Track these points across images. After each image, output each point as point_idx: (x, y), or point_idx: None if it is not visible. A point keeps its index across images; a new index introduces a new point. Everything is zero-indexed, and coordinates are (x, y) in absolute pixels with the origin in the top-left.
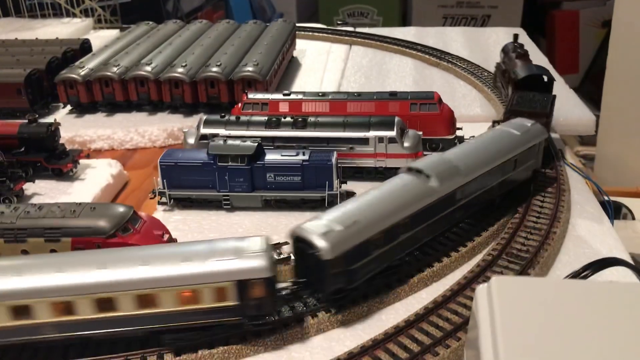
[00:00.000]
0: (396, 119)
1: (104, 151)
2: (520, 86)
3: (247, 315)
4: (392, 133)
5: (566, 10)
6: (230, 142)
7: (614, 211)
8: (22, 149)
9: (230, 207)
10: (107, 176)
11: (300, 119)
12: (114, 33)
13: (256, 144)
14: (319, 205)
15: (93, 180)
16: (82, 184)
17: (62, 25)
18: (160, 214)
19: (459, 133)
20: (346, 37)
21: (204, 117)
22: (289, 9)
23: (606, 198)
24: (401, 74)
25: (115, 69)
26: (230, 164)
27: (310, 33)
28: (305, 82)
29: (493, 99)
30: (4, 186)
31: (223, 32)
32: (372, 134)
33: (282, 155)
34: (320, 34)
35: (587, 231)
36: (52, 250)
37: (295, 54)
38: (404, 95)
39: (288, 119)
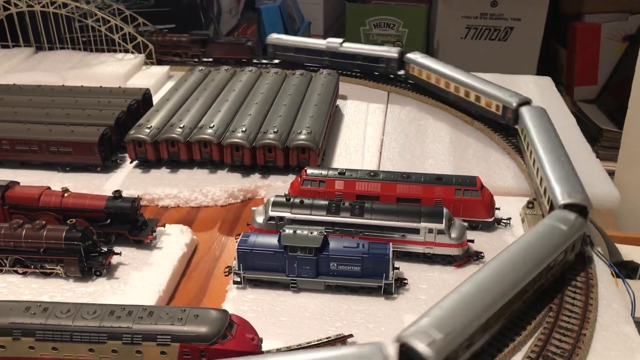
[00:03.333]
0: (445, 211)
1: (170, 208)
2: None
3: None
4: (441, 225)
5: (588, 23)
6: (299, 232)
7: (633, 271)
8: (108, 221)
9: (296, 290)
10: (181, 245)
11: (357, 207)
12: (164, 70)
13: (322, 236)
14: (375, 291)
15: (169, 250)
16: (160, 254)
17: (117, 61)
18: (234, 292)
19: (497, 213)
20: (383, 84)
21: (272, 198)
22: (316, 18)
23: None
24: (438, 133)
25: (180, 130)
26: (299, 254)
27: (349, 77)
28: (349, 138)
29: (525, 169)
30: (96, 261)
31: (273, 84)
32: (423, 225)
33: (344, 247)
34: (360, 79)
35: (613, 332)
36: (162, 353)
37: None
38: (449, 180)
39: (347, 205)
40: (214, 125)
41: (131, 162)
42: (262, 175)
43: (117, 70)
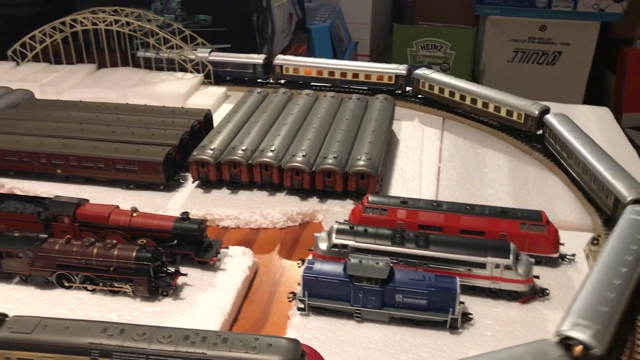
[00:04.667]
0: (512, 246)
1: (230, 229)
2: None
3: None
4: (509, 261)
5: (639, 49)
6: (365, 262)
7: None
8: (175, 242)
9: (360, 320)
10: (244, 267)
11: (422, 238)
12: (222, 90)
13: (389, 267)
14: (440, 325)
15: (233, 272)
16: (224, 276)
17: (177, 80)
18: (298, 318)
19: (561, 249)
20: (438, 110)
21: (336, 225)
22: (364, 38)
23: None
24: (496, 162)
25: (241, 152)
26: (364, 284)
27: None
28: (405, 164)
29: (588, 204)
30: (163, 281)
31: (330, 108)
32: (490, 259)
33: (410, 279)
34: (415, 104)
35: None
36: None
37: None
38: (514, 214)
39: (411, 235)
40: (274, 149)
41: (193, 182)
42: (320, 199)
43: (178, 90)
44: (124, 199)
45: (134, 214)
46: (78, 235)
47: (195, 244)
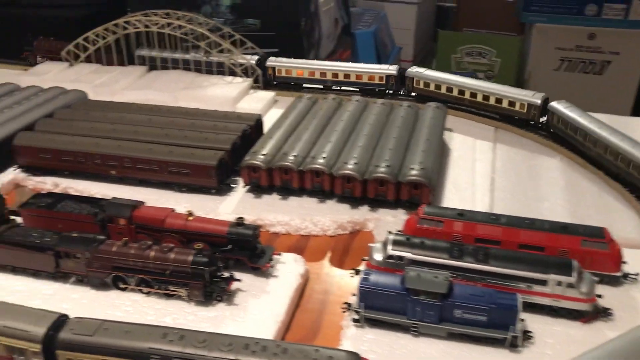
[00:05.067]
0: (574, 263)
1: (280, 235)
2: None
3: None
4: (571, 279)
5: None
6: (423, 275)
7: None
8: (229, 247)
9: (416, 334)
10: (296, 274)
11: (482, 252)
12: (271, 95)
13: (449, 282)
14: (499, 342)
15: (285, 279)
16: (276, 283)
17: (226, 84)
18: (353, 329)
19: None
20: (490, 120)
21: (391, 236)
22: (407, 43)
23: None
24: (551, 174)
25: (293, 158)
26: (423, 298)
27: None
28: (458, 174)
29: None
30: (218, 286)
31: (380, 115)
32: (552, 277)
33: (470, 294)
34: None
35: None
36: None
37: None
38: (575, 230)
39: (470, 249)
40: (325, 156)
41: (244, 187)
42: (371, 208)
43: (227, 94)
44: (176, 202)
45: (190, 218)
46: (134, 237)
47: (249, 250)
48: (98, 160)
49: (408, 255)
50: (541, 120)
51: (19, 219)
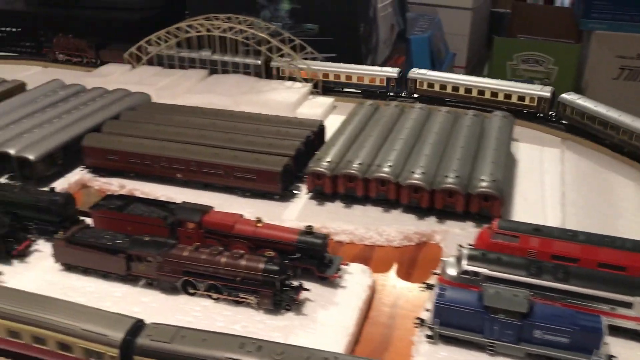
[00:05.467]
0: None
1: (344, 244)
2: None
3: None
4: None
5: None
6: (502, 293)
7: None
8: (297, 256)
9: (493, 353)
10: (364, 286)
11: (562, 270)
12: (330, 101)
13: (529, 301)
14: None
15: (353, 290)
16: (344, 294)
17: (286, 89)
18: (426, 346)
19: None
20: (557, 130)
21: (465, 251)
22: (461, 49)
23: None
24: (624, 190)
25: (358, 166)
26: (501, 316)
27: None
28: (526, 186)
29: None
30: (288, 295)
31: (444, 124)
32: (638, 299)
33: (552, 315)
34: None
35: None
36: None
37: None
38: None
39: (550, 267)
40: (391, 164)
41: (307, 193)
42: (438, 219)
43: (288, 99)
44: (240, 207)
45: (259, 224)
46: (202, 242)
47: (317, 259)
48: (165, 163)
49: (484, 271)
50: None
51: (87, 219)
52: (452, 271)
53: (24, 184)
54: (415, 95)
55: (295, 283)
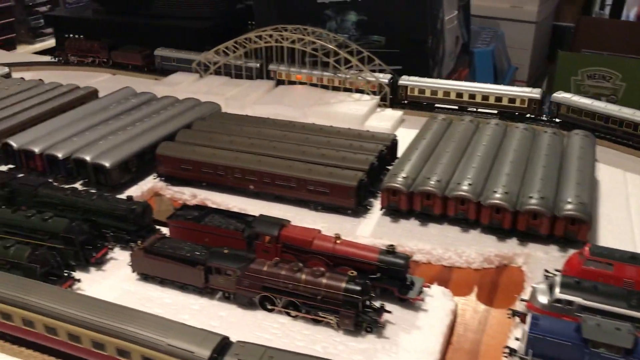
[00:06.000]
0: None
1: (420, 264)
2: None
3: None
4: None
5: None
6: (603, 326)
7: None
8: (378, 275)
9: None
10: (446, 310)
11: None
12: (398, 114)
13: (634, 336)
14: None
15: (435, 314)
16: (426, 317)
17: (354, 101)
18: None
19: None
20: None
21: (559, 278)
22: (523, 64)
23: None
24: None
25: (436, 183)
26: (603, 351)
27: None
28: (611, 209)
29: None
30: (369, 316)
31: (522, 141)
32: None
33: None
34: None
35: None
36: None
37: None
38: None
39: None
40: (471, 182)
41: (380, 209)
42: (520, 241)
43: (356, 111)
44: (312, 221)
45: (337, 241)
46: (279, 256)
47: (399, 280)
48: (238, 174)
49: (579, 300)
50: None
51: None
52: (543, 299)
53: (100, 191)
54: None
55: (377, 304)
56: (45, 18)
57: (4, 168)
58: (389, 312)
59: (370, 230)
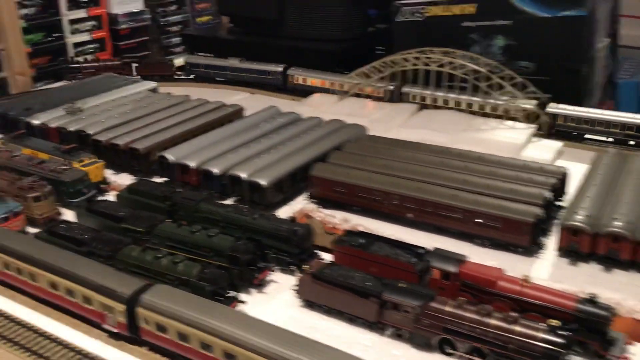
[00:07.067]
0: None
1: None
2: None
3: None
4: None
5: None
6: None
7: None
8: (575, 326)
9: None
10: None
11: None
12: (558, 145)
13: None
14: None
15: None
16: None
17: (507, 129)
18: None
19: None
20: None
21: None
22: None
23: None
24: None
25: (624, 224)
26: None
27: None
28: None
29: None
30: None
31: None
32: None
33: None
34: None
35: None
36: None
37: None
38: None
39: None
40: None
41: (555, 250)
42: None
43: (512, 140)
44: (479, 257)
45: (526, 283)
46: (455, 295)
47: (599, 334)
48: (396, 201)
49: None
50: None
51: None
52: None
53: (255, 209)
54: None
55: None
56: (182, 37)
57: (159, 180)
58: None
59: (548, 273)
